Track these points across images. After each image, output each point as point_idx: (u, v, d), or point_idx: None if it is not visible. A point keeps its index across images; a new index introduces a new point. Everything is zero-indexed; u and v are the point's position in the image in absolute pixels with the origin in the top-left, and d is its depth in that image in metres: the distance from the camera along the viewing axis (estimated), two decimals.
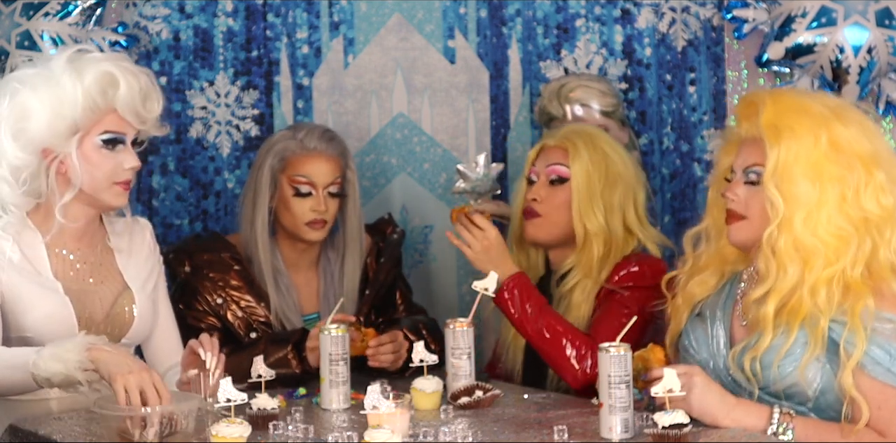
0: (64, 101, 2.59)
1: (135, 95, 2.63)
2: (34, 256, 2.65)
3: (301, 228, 3.13)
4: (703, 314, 2.63)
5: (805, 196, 2.44)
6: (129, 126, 2.66)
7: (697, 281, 2.66)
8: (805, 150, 2.45)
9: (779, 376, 2.42)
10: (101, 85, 2.60)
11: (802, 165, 2.45)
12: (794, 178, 2.44)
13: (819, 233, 2.43)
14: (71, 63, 2.63)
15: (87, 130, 2.62)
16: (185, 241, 3.28)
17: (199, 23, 3.67)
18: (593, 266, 2.98)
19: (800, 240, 2.43)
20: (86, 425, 2.51)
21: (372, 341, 2.96)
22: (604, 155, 3.02)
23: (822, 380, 2.41)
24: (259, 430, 2.45)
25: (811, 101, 2.53)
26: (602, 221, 2.98)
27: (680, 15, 3.77)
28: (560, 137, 3.07)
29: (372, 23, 3.73)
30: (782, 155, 2.45)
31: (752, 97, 2.59)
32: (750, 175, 2.52)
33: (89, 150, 2.64)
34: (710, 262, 2.66)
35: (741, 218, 2.52)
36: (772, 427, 2.38)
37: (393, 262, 3.30)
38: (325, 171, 3.13)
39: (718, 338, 2.57)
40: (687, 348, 2.61)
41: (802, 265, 2.43)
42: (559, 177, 3.02)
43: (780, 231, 2.45)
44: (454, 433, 2.37)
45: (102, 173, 2.64)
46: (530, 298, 2.88)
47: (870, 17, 3.53)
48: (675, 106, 3.78)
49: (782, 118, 2.48)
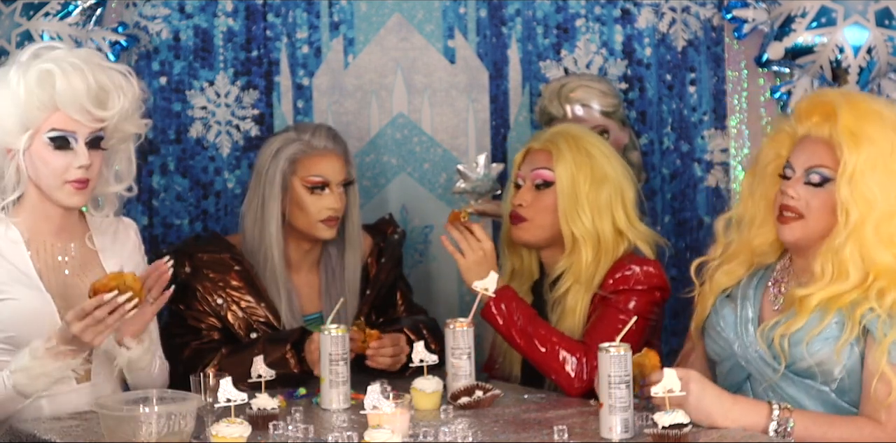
0: (11, 98, 2.60)
1: (79, 94, 2.59)
2: (14, 252, 2.65)
3: (315, 226, 3.12)
4: (734, 295, 2.63)
5: (879, 204, 2.44)
6: (79, 124, 2.62)
7: (725, 270, 2.66)
8: (882, 158, 2.45)
9: (807, 354, 2.43)
10: (40, 83, 2.58)
11: (879, 174, 2.45)
12: (870, 185, 2.44)
13: (886, 241, 2.43)
14: (26, 59, 2.63)
15: (36, 128, 2.62)
16: (186, 241, 3.28)
17: (199, 23, 3.67)
18: (583, 270, 2.96)
19: (867, 248, 2.43)
20: (85, 426, 2.51)
21: (373, 343, 2.96)
22: (588, 156, 2.98)
23: (850, 362, 2.42)
24: (259, 430, 2.45)
25: (884, 108, 2.53)
26: (589, 225, 2.95)
27: (680, 15, 3.77)
28: (544, 139, 3.05)
29: (372, 23, 3.73)
30: (861, 161, 2.44)
31: (825, 97, 2.57)
32: (812, 175, 2.50)
33: (38, 147, 2.62)
34: (739, 251, 2.65)
35: (797, 218, 2.52)
36: (773, 424, 2.39)
37: (394, 262, 3.30)
38: (337, 168, 3.13)
39: (746, 317, 2.57)
40: (713, 326, 2.61)
41: (865, 272, 2.43)
42: (544, 181, 3.00)
43: (849, 237, 2.45)
44: (454, 433, 2.37)
45: (51, 171, 2.62)
46: (518, 311, 2.86)
47: (870, 17, 3.53)
48: (675, 106, 3.78)
49: (861, 124, 2.47)
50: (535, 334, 2.84)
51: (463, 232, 2.95)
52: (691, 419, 2.34)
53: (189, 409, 2.35)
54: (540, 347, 2.83)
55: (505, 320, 2.85)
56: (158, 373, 2.77)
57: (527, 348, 2.84)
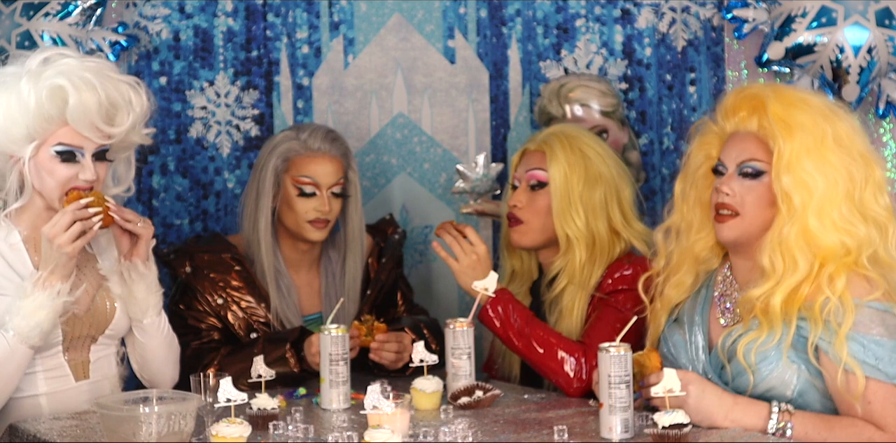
0: (19, 107, 2.57)
1: (90, 111, 2.58)
2: (13, 253, 2.66)
3: (303, 227, 3.13)
4: (681, 320, 2.62)
5: (816, 189, 2.44)
6: (87, 141, 2.61)
7: (673, 283, 2.65)
8: (815, 143, 2.45)
9: (749, 383, 2.43)
10: (52, 97, 2.56)
11: (813, 159, 2.45)
12: (808, 170, 2.44)
13: (829, 225, 2.43)
14: (37, 68, 2.59)
15: (43, 139, 2.60)
16: (186, 241, 3.28)
17: (199, 23, 3.67)
18: (578, 270, 2.96)
19: (811, 232, 2.43)
20: (85, 426, 2.51)
21: (379, 336, 2.97)
22: (581, 156, 2.99)
23: (800, 384, 2.42)
24: (259, 430, 2.45)
25: (810, 96, 2.54)
26: (583, 225, 2.95)
27: (680, 15, 3.76)
28: (538, 140, 3.05)
29: (372, 23, 3.73)
30: (796, 148, 2.45)
31: (750, 91, 2.58)
32: (745, 169, 2.51)
33: (44, 158, 2.61)
34: (682, 260, 2.65)
35: (734, 215, 2.51)
36: (771, 425, 2.38)
37: (394, 262, 3.30)
38: (329, 171, 3.13)
39: (697, 343, 2.57)
40: (665, 356, 2.60)
41: (813, 258, 2.43)
42: (538, 182, 3.00)
43: (792, 224, 2.44)
44: (454, 433, 2.37)
45: (55, 182, 2.62)
46: (514, 312, 2.86)
47: (870, 17, 3.53)
48: (675, 106, 3.78)
49: (791, 112, 2.48)
50: (533, 335, 2.83)
51: (456, 237, 2.94)
52: (691, 420, 2.34)
53: (189, 409, 2.35)
54: (538, 348, 2.82)
55: (502, 323, 2.85)
56: (170, 343, 2.79)
57: (525, 350, 2.84)
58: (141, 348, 2.77)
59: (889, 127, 3.73)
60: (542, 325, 2.87)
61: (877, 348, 2.36)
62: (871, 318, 2.38)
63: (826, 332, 2.38)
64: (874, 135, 3.71)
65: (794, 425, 2.38)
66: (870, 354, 2.36)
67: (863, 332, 2.36)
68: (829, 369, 2.39)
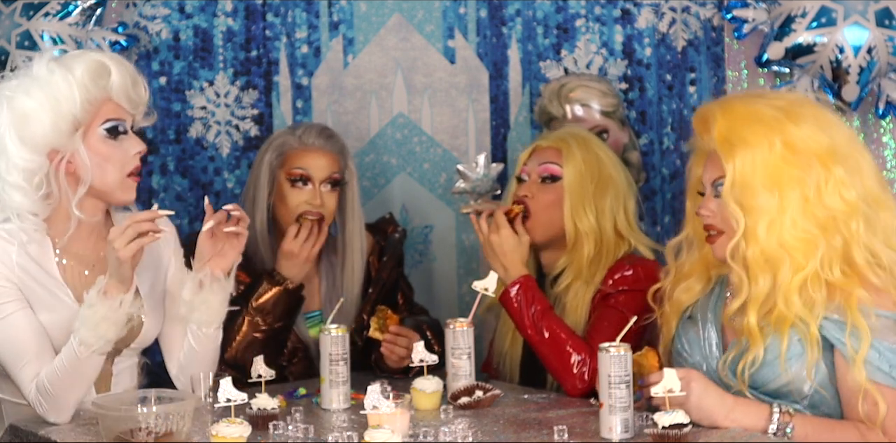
0: (61, 99, 2.59)
1: (126, 81, 2.65)
2: (44, 262, 2.65)
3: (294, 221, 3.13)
4: (695, 317, 2.63)
5: (766, 205, 2.43)
6: (125, 112, 2.68)
7: (683, 288, 2.65)
8: (761, 158, 2.43)
9: (771, 378, 2.43)
10: (92, 75, 2.61)
11: (760, 175, 2.43)
12: (754, 188, 2.43)
13: (784, 239, 2.42)
14: (56, 62, 2.64)
15: (87, 123, 2.62)
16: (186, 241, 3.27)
17: (199, 23, 3.67)
18: (584, 267, 2.97)
19: (766, 249, 2.43)
20: (85, 425, 2.51)
21: (392, 327, 2.97)
22: (597, 158, 3.02)
23: (818, 378, 2.42)
24: (259, 430, 2.45)
25: (761, 105, 2.50)
26: (594, 221, 2.98)
27: (680, 15, 3.76)
28: (554, 138, 3.08)
29: (372, 23, 3.73)
30: (738, 167, 2.44)
31: (703, 111, 2.56)
32: (718, 189, 2.51)
33: (95, 142, 2.64)
34: (693, 269, 2.66)
35: (719, 234, 2.52)
36: (772, 427, 2.38)
37: (395, 261, 3.30)
38: (322, 165, 3.14)
39: (710, 340, 2.57)
40: (680, 352, 2.61)
41: (772, 274, 2.43)
42: (551, 175, 3.02)
43: (747, 243, 2.45)
44: (454, 433, 2.37)
45: (113, 164, 2.64)
46: (535, 301, 2.87)
47: (870, 17, 3.52)
48: (675, 106, 3.78)
49: (733, 130, 2.46)
50: (548, 327, 2.84)
51: (484, 216, 3.01)
52: (692, 419, 2.34)
53: (187, 409, 2.35)
54: (549, 340, 2.83)
55: (520, 306, 2.86)
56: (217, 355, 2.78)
57: (535, 339, 2.85)
58: (191, 355, 2.74)
59: (889, 127, 3.73)
60: (558, 319, 2.88)
61: (892, 356, 2.37)
62: (889, 326, 2.38)
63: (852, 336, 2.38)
64: (874, 135, 3.71)
65: (795, 427, 2.38)
66: (884, 361, 2.36)
67: (880, 339, 2.37)
68: (841, 366, 2.39)
